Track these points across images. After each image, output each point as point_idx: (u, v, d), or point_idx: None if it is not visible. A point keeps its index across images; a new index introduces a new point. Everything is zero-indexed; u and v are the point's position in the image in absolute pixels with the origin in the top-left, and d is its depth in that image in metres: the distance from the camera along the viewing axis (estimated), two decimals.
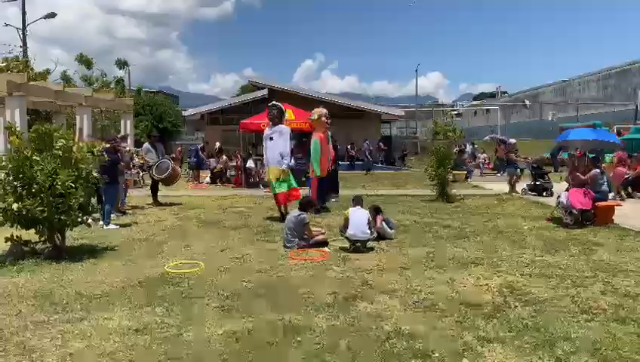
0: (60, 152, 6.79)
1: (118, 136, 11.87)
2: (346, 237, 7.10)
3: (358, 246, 7.02)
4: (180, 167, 18.77)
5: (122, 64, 29.35)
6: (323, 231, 7.77)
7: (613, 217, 9.00)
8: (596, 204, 8.86)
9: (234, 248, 7.47)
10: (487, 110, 69.09)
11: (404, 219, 9.76)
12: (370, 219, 7.23)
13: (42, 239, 6.88)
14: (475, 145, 24.62)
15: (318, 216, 9.96)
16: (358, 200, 7.46)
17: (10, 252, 6.71)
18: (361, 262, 6.52)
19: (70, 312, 4.70)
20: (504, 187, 16.54)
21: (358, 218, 7.06)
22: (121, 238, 8.22)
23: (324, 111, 11.23)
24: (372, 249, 7.16)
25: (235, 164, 19.55)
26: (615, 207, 9.26)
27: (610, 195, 10.43)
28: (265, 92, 30.15)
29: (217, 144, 23.00)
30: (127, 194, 11.84)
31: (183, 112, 32.51)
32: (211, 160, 20.21)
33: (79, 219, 6.90)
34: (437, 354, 3.70)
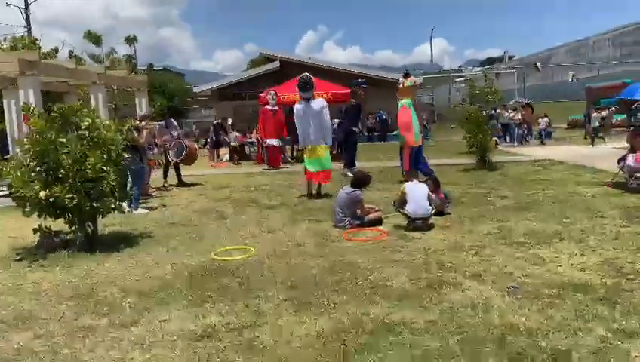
0: (87, 133, 6.13)
1: (139, 115, 11.18)
2: (405, 214, 6.43)
3: (418, 224, 6.36)
4: (197, 143, 18.16)
5: (131, 40, 28.44)
6: (378, 208, 7.10)
7: None
8: None
9: (279, 230, 6.85)
10: (498, 75, 67.34)
11: (451, 191, 9.05)
12: (430, 193, 6.55)
13: (72, 229, 6.28)
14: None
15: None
16: (414, 174, 6.76)
17: (41, 244, 6.12)
18: (427, 241, 5.87)
19: (120, 314, 4.09)
20: (539, 151, 15.87)
21: (419, 193, 6.38)
22: (154, 223, 7.61)
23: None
24: (433, 226, 6.51)
25: (254, 140, 18.89)
26: None
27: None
28: (277, 64, 29.22)
29: (230, 120, 22.27)
30: (152, 175, 11.20)
31: (194, 89, 31.70)
32: (230, 136, 19.48)
33: (112, 206, 6.27)
34: (576, 355, 3.06)
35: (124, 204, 6.97)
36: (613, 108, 22.45)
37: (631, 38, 56.76)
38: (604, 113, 21.66)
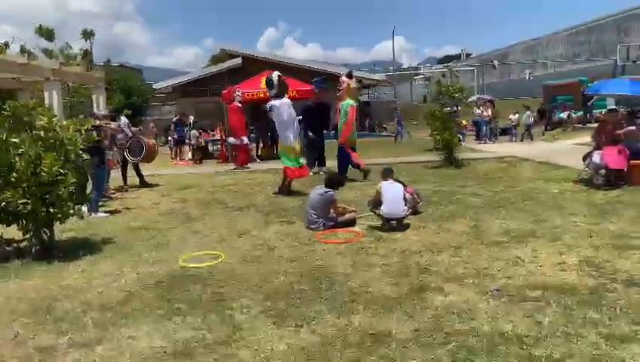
0: (42, 133, 5.71)
1: (98, 113, 10.64)
2: (380, 215, 6.29)
3: (393, 224, 6.22)
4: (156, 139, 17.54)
5: (88, 34, 27.24)
6: (352, 208, 6.93)
7: None
8: (631, 162, 8.23)
9: (250, 232, 6.59)
10: (457, 72, 68.33)
11: (421, 189, 8.98)
12: (406, 193, 6.42)
13: (27, 236, 5.84)
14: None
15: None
16: (389, 173, 6.59)
17: None
18: (403, 242, 5.74)
19: (82, 331, 3.76)
20: (502, 148, 16.08)
21: (394, 193, 6.23)
22: (116, 228, 7.22)
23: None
24: (408, 226, 6.38)
25: (219, 137, 18.51)
26: None
27: None
28: (239, 61, 28.77)
29: (191, 118, 21.71)
30: (111, 176, 10.70)
31: (154, 85, 30.83)
32: (192, 133, 18.94)
33: (71, 211, 5.87)
34: None
35: (84, 208, 6.56)
36: (572, 112, 23.08)
37: (582, 38, 58.74)
38: (563, 115, 22.26)
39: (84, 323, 3.91)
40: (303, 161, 9.43)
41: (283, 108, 9.10)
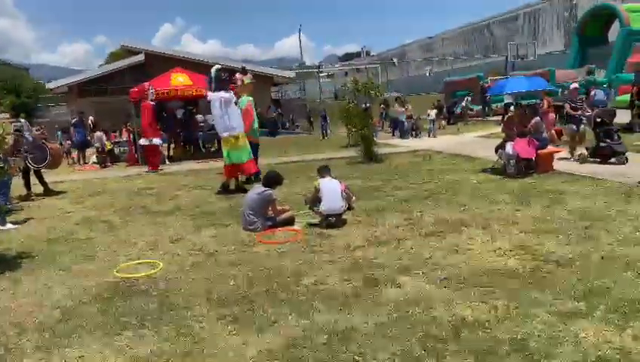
0: None
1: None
2: (319, 212, 6.29)
3: (332, 221, 6.25)
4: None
5: None
6: (289, 206, 6.86)
7: (553, 163, 9.18)
8: (539, 152, 8.91)
9: (184, 238, 6.33)
10: (358, 70, 70.26)
11: (349, 185, 9.11)
12: (342, 189, 6.47)
13: None
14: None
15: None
16: (326, 170, 6.62)
17: None
18: (345, 238, 5.79)
19: (22, 356, 3.42)
20: (416, 143, 16.73)
21: (333, 190, 6.27)
22: (30, 240, 6.64)
23: None
24: (346, 221, 6.44)
25: (126, 139, 17.55)
26: (555, 153, 9.46)
27: None
28: (141, 57, 27.53)
29: (90, 118, 20.39)
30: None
31: (48, 85, 28.61)
32: (96, 135, 17.76)
33: None
34: (533, 344, 3.13)
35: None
36: (469, 98, 24.59)
37: (473, 36, 62.89)
38: (464, 103, 23.67)
39: (21, 347, 3.55)
40: (229, 157, 9.03)
41: (215, 102, 8.88)
